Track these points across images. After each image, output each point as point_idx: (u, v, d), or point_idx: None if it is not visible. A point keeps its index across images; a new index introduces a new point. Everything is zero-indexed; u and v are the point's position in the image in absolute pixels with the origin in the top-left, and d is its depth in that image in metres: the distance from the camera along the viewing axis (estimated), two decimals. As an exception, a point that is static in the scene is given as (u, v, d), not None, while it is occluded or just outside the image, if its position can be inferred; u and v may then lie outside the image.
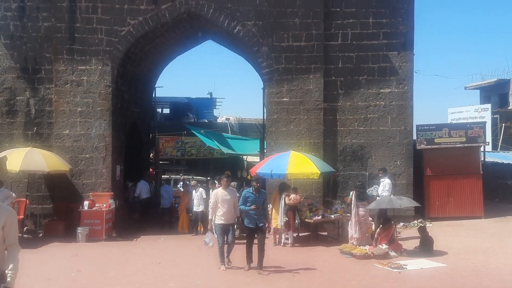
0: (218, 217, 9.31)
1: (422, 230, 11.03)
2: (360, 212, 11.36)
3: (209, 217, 9.73)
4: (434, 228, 13.08)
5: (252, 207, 9.13)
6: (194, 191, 14.35)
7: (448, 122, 21.51)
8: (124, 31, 14.31)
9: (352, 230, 11.36)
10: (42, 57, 14.41)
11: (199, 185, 14.82)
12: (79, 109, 14.14)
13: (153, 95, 20.96)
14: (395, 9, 14.28)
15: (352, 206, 11.46)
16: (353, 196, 11.54)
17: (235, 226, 10.03)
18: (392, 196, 11.95)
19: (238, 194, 10.00)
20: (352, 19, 14.35)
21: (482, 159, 16.92)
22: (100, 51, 14.23)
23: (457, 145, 14.93)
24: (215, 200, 9.41)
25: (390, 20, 14.29)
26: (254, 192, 9.31)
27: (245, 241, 9.43)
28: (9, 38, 14.37)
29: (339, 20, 14.39)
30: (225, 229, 9.31)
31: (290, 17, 14.28)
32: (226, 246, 9.37)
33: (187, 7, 14.40)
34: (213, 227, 9.47)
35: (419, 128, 15.04)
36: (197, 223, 14.21)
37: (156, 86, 20.50)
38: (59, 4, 14.20)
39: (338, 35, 14.42)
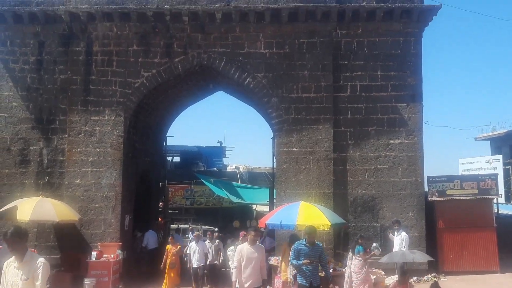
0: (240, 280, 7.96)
1: (435, 286, 10.72)
2: (356, 264, 10.92)
3: (233, 279, 8.18)
4: (448, 283, 12.74)
5: (306, 261, 8.23)
6: (195, 243, 13.83)
7: (460, 173, 21.34)
8: (138, 83, 14.67)
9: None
10: (57, 108, 14.75)
11: (206, 236, 14.49)
12: (91, 158, 14.30)
13: (164, 144, 21.18)
14: (403, 62, 14.53)
15: (348, 260, 11.11)
16: (350, 250, 11.20)
17: None
18: (404, 249, 11.72)
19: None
20: (361, 72, 14.60)
21: (496, 211, 16.65)
22: (113, 102, 14.54)
23: (470, 197, 14.76)
24: (239, 258, 7.98)
25: (398, 72, 14.51)
26: (307, 245, 8.45)
27: None
28: (25, 90, 14.78)
29: (347, 73, 14.64)
30: None
31: (300, 70, 14.57)
32: None
33: (199, 60, 14.79)
34: None
35: (431, 179, 14.93)
36: (198, 282, 13.57)
37: (167, 135, 20.76)
38: (75, 57, 14.68)
39: (347, 87, 14.63)
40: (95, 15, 14.46)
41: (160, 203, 21.53)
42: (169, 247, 13.51)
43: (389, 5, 14.31)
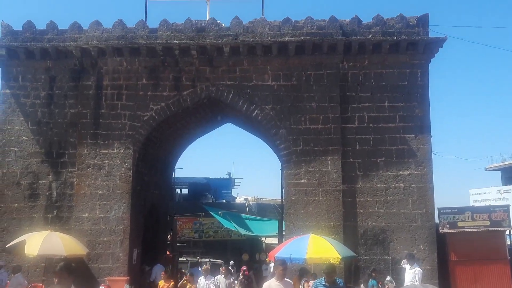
0: None
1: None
2: None
3: None
4: (463, 318, 12.39)
5: None
6: (203, 278, 13.36)
7: (471, 204, 21.11)
8: (147, 116, 14.81)
9: None
10: (67, 141, 14.88)
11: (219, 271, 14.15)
12: (100, 192, 14.32)
13: (173, 176, 21.19)
14: (410, 94, 14.57)
15: None
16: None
17: None
18: (417, 283, 11.48)
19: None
20: (368, 103, 14.64)
21: (509, 243, 16.35)
22: (123, 135, 14.66)
23: (481, 229, 14.54)
24: None
25: (406, 104, 14.53)
26: (327, 284, 8.13)
27: None
28: (36, 124, 14.97)
29: (355, 104, 14.69)
30: None
31: (307, 101, 14.65)
32: None
33: (207, 92, 14.94)
34: None
35: (441, 211, 14.75)
36: None
37: (175, 167, 20.80)
38: (86, 91, 14.91)
39: (354, 118, 14.65)
40: (105, 50, 14.74)
41: (169, 236, 21.38)
42: (161, 283, 12.82)
43: (395, 38, 14.45)
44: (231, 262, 16.87)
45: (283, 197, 15.73)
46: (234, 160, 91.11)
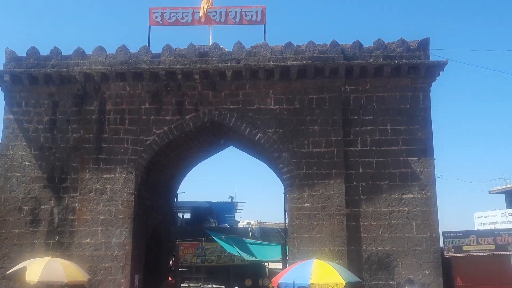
0: None
1: None
2: None
3: None
4: None
5: None
6: None
7: (475, 227, 20.94)
8: (149, 140, 14.82)
9: None
10: (69, 166, 14.86)
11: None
12: (101, 217, 14.24)
13: (175, 201, 21.09)
14: (413, 117, 14.58)
15: None
16: None
17: None
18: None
19: None
20: (371, 126, 14.64)
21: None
22: (125, 160, 14.64)
23: (487, 253, 14.37)
24: None
25: (408, 127, 14.52)
26: None
27: None
28: (39, 149, 14.97)
29: (357, 127, 14.68)
30: None
31: (310, 125, 14.66)
32: None
33: (210, 116, 14.97)
34: None
35: (446, 235, 14.60)
36: None
37: (178, 191, 20.71)
38: (88, 116, 14.96)
39: (357, 141, 14.63)
40: (108, 75, 14.85)
41: (171, 262, 21.15)
42: None
43: (396, 61, 14.54)
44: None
45: (286, 221, 15.60)
46: (237, 184, 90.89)
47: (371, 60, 14.69)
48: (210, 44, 15.61)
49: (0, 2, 62.01)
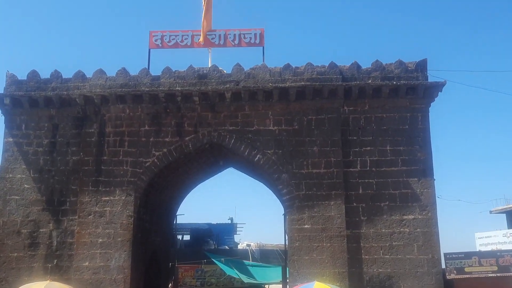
0: None
1: None
2: None
3: None
4: None
5: None
6: None
7: (477, 248, 20.79)
8: (149, 162, 14.81)
9: None
10: (68, 189, 14.81)
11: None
12: (100, 240, 14.13)
13: (174, 223, 20.96)
14: (412, 137, 14.59)
15: None
16: None
17: None
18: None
19: None
20: (370, 147, 14.64)
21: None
22: (124, 182, 14.61)
23: (489, 275, 14.23)
24: None
25: (408, 147, 14.53)
26: None
27: None
28: (38, 172, 14.94)
29: (357, 148, 14.69)
30: None
31: (309, 146, 14.66)
32: None
33: (209, 138, 14.99)
34: None
35: (448, 256, 14.49)
36: None
37: (177, 213, 20.60)
38: (88, 139, 14.98)
39: (357, 162, 14.61)
40: (108, 98, 14.92)
41: (170, 285, 20.92)
42: None
43: (394, 82, 14.63)
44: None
45: (286, 243, 15.49)
46: (236, 205, 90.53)
47: (370, 81, 14.78)
48: (209, 66, 15.73)
49: (2, 26, 62.70)
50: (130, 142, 14.95)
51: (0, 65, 59.16)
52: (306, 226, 14.10)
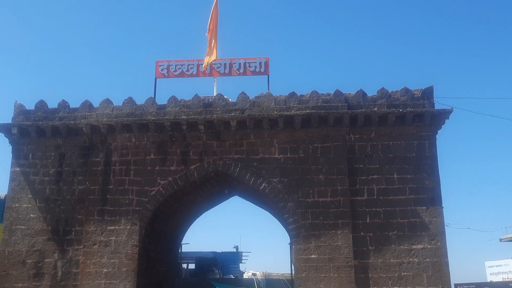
0: None
1: None
2: None
3: None
4: None
5: None
6: None
7: (487, 278, 20.39)
8: (154, 191, 14.77)
9: None
10: (74, 218, 14.76)
11: None
12: (105, 270, 13.99)
13: (179, 252, 20.75)
14: (419, 165, 14.47)
15: None
16: None
17: None
18: None
19: None
20: (377, 175, 14.51)
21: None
22: (129, 211, 14.54)
23: (502, 305, 13.93)
24: None
25: (415, 175, 14.39)
26: None
27: None
28: (44, 201, 14.93)
29: (363, 176, 14.57)
30: None
31: (315, 174, 14.56)
32: None
33: (215, 166, 14.95)
34: None
35: (458, 287, 14.20)
36: None
37: (182, 242, 20.42)
38: (94, 168, 14.99)
39: (363, 191, 14.47)
40: (115, 127, 14.99)
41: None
42: None
43: (401, 110, 14.58)
44: None
45: (293, 273, 15.24)
46: (242, 233, 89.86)
47: (375, 108, 14.75)
48: (214, 95, 15.81)
49: (10, 56, 63.71)
50: (136, 171, 14.94)
51: (8, 95, 59.91)
52: (312, 256, 13.90)
